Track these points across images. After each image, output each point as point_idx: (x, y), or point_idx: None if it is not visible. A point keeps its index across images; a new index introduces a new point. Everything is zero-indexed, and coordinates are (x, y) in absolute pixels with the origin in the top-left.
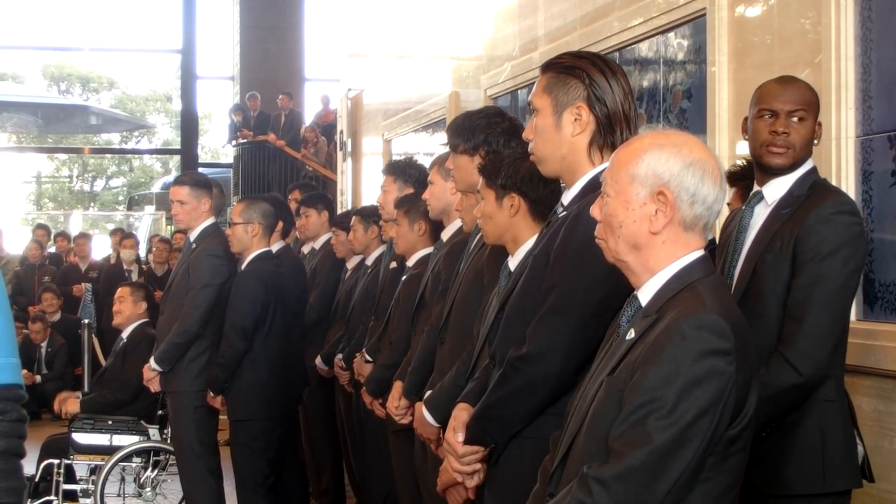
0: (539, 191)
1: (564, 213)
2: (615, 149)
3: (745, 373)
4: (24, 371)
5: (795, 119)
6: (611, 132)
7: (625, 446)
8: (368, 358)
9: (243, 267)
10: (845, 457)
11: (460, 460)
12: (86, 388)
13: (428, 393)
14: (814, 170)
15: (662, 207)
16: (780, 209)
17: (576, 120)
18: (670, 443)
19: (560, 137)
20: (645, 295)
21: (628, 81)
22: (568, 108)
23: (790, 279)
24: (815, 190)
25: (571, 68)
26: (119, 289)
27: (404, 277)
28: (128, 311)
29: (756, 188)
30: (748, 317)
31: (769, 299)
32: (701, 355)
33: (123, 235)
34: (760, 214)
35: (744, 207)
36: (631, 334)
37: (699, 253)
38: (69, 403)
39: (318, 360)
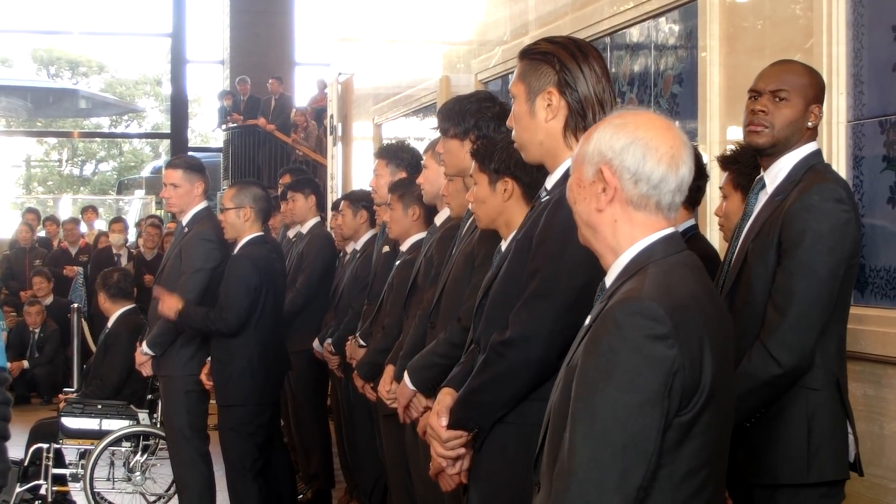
0: (532, 175)
1: (547, 197)
2: None
3: (691, 354)
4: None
5: (777, 99)
6: (582, 117)
7: (571, 450)
8: (362, 342)
9: (236, 251)
10: (833, 447)
11: (444, 445)
12: (74, 374)
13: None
14: (815, 154)
15: (605, 185)
16: (775, 195)
17: (548, 105)
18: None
19: (535, 123)
20: (609, 278)
21: (604, 65)
22: (539, 94)
23: (776, 267)
24: (808, 175)
25: (544, 54)
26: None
27: (398, 262)
28: (104, 304)
29: (760, 174)
30: (738, 304)
31: (756, 286)
32: (637, 342)
33: (112, 220)
34: (761, 201)
35: (750, 194)
36: (588, 320)
37: (665, 232)
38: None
39: (316, 343)
